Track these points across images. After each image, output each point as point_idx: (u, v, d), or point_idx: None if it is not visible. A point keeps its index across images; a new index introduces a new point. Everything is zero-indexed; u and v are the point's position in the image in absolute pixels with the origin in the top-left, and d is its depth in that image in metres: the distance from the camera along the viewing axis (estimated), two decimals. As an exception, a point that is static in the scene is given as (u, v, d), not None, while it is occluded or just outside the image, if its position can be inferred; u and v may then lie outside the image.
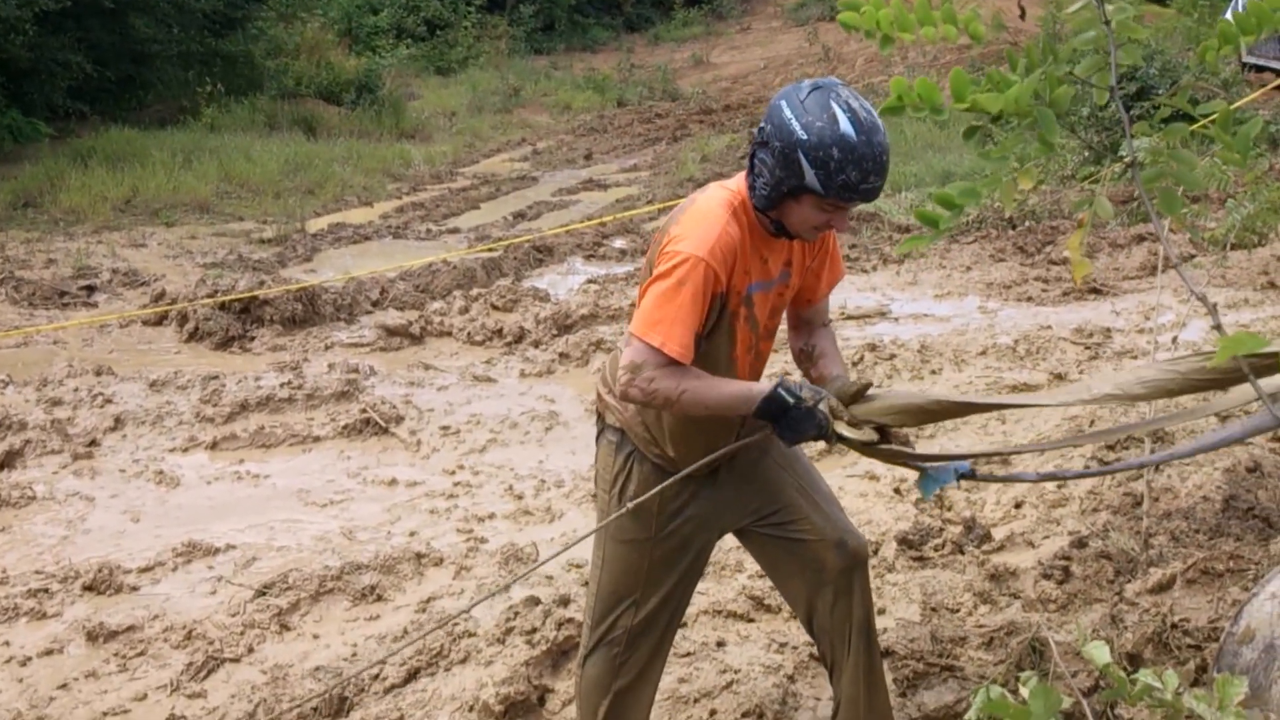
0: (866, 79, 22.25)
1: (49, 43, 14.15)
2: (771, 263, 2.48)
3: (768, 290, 2.49)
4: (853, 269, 9.18)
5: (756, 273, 2.45)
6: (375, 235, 11.12)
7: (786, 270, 2.52)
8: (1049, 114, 1.57)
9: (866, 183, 2.26)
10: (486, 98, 22.16)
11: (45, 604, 3.94)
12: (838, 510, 2.71)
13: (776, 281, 2.51)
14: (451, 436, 5.68)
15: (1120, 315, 7.39)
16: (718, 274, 2.34)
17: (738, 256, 2.38)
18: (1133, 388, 2.00)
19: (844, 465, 5.22)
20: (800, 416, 2.31)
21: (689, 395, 2.34)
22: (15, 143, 13.49)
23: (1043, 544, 4.22)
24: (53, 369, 6.42)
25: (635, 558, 2.64)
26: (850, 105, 2.29)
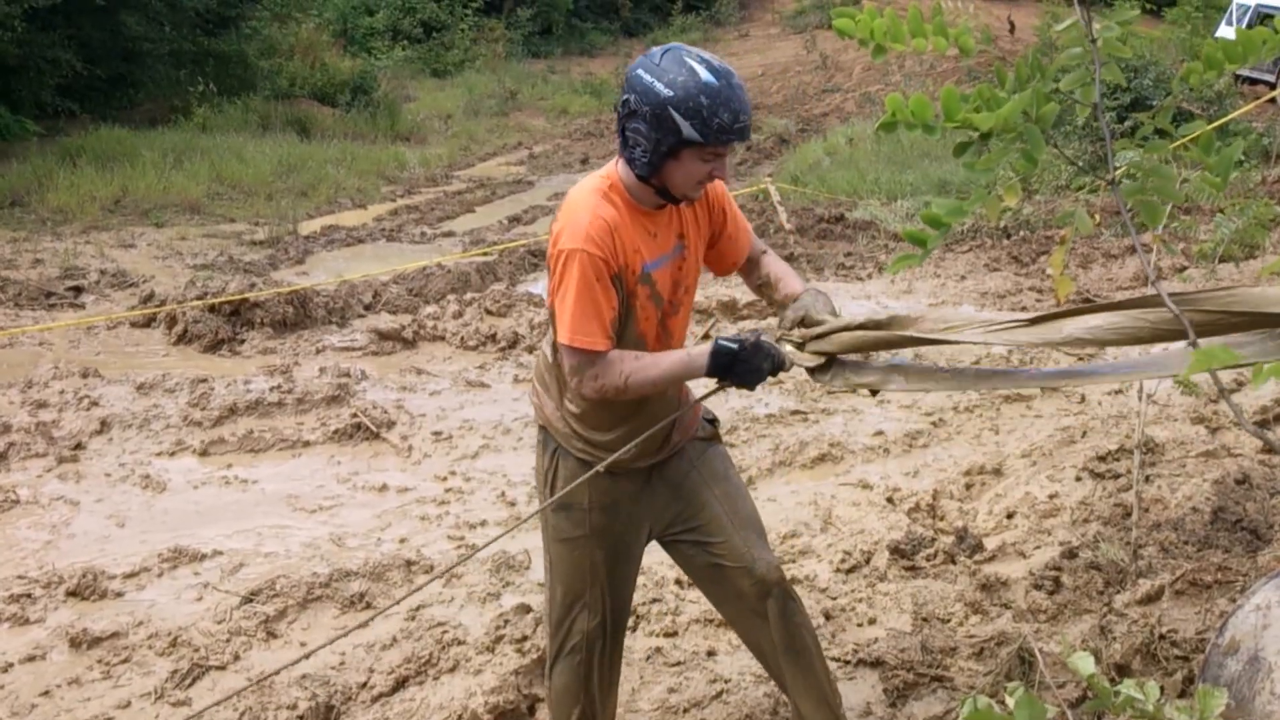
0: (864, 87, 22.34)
1: (38, 39, 14.11)
2: (661, 237, 2.53)
3: (664, 265, 2.54)
4: (847, 277, 9.21)
5: (647, 250, 2.49)
6: (369, 238, 11.12)
7: (681, 243, 2.57)
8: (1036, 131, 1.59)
9: (739, 121, 2.35)
10: (483, 101, 22.21)
11: (28, 609, 3.93)
12: (754, 534, 2.70)
13: (672, 255, 2.55)
14: (444, 442, 5.68)
15: (1115, 326, 7.42)
16: (603, 258, 2.40)
17: (617, 237, 2.42)
18: (1103, 333, 2.01)
19: (837, 474, 5.24)
20: (750, 356, 2.38)
21: (634, 378, 2.44)
22: (3, 141, 13.45)
23: (1034, 554, 4.25)
24: (38, 371, 6.41)
25: (578, 556, 2.69)
26: (703, 57, 2.38)
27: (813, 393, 6.28)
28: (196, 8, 17.14)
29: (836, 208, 11.56)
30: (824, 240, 10.53)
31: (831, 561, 4.30)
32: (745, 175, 14.72)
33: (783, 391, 6.31)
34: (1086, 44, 1.57)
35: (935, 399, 6.12)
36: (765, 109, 21.94)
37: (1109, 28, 1.56)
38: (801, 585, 4.12)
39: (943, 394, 5.74)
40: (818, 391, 6.29)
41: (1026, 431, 5.64)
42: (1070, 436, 5.42)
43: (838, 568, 4.25)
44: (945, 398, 6.13)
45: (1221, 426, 5.32)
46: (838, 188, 12.69)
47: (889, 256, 9.74)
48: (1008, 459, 5.24)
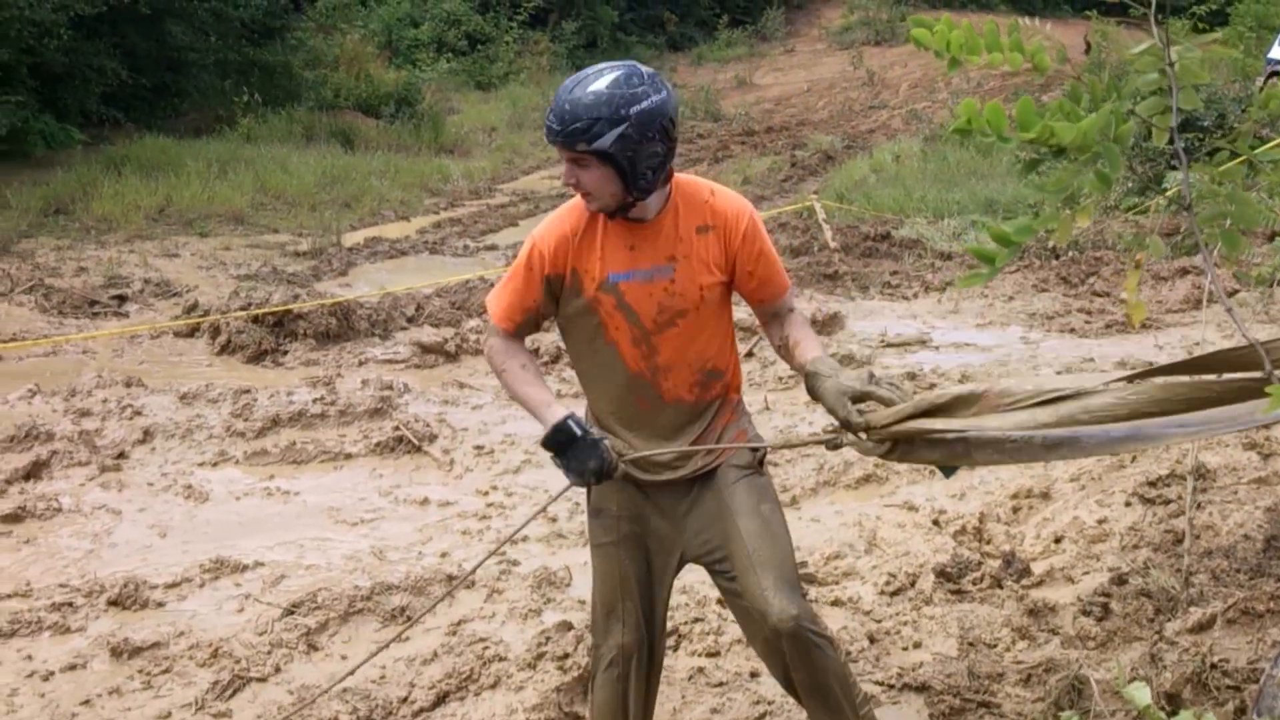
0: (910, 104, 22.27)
1: (84, 48, 14.39)
2: (640, 251, 2.57)
3: (640, 281, 2.57)
4: (893, 296, 9.17)
5: (617, 262, 2.56)
6: (412, 250, 11.24)
7: (668, 265, 2.58)
8: (1114, 150, 1.59)
9: (547, 120, 2.46)
10: (527, 114, 22.34)
11: (69, 618, 3.99)
12: (773, 576, 2.61)
13: (653, 272, 2.57)
14: (485, 456, 5.72)
15: (1164, 350, 7.34)
16: (543, 253, 2.58)
17: (573, 240, 2.57)
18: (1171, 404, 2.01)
19: (881, 495, 5.22)
20: (583, 452, 2.51)
21: (505, 376, 2.69)
22: (48, 148, 13.70)
23: (1082, 580, 4.21)
24: (82, 379, 6.53)
25: (609, 565, 2.76)
26: (594, 68, 2.49)
27: (857, 413, 6.24)
28: (242, 18, 17.42)
29: (882, 226, 11.52)
30: (869, 258, 10.49)
31: (876, 584, 4.28)
32: (790, 192, 14.72)
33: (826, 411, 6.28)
34: (1163, 68, 1.56)
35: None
36: (810, 125, 21.94)
37: (1189, 49, 1.55)
38: (845, 607, 4.11)
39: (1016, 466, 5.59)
40: (862, 411, 6.26)
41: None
42: (1120, 461, 5.36)
43: (882, 590, 4.23)
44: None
45: (1274, 453, 5.24)
46: (884, 205, 12.65)
47: (936, 276, 9.69)
48: (1056, 483, 5.19)
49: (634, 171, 2.45)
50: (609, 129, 2.39)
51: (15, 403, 6.16)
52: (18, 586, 4.19)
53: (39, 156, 13.44)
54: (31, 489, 5.11)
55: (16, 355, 7.03)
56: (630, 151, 2.42)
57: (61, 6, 13.53)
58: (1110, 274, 9.25)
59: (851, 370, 2.58)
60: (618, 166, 2.43)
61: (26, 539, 4.64)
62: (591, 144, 2.40)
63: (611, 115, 2.39)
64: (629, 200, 2.52)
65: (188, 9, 16.28)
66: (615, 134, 2.39)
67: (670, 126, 2.48)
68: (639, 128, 2.41)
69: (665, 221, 2.58)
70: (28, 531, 4.70)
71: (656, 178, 2.50)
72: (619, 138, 2.40)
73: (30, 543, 4.61)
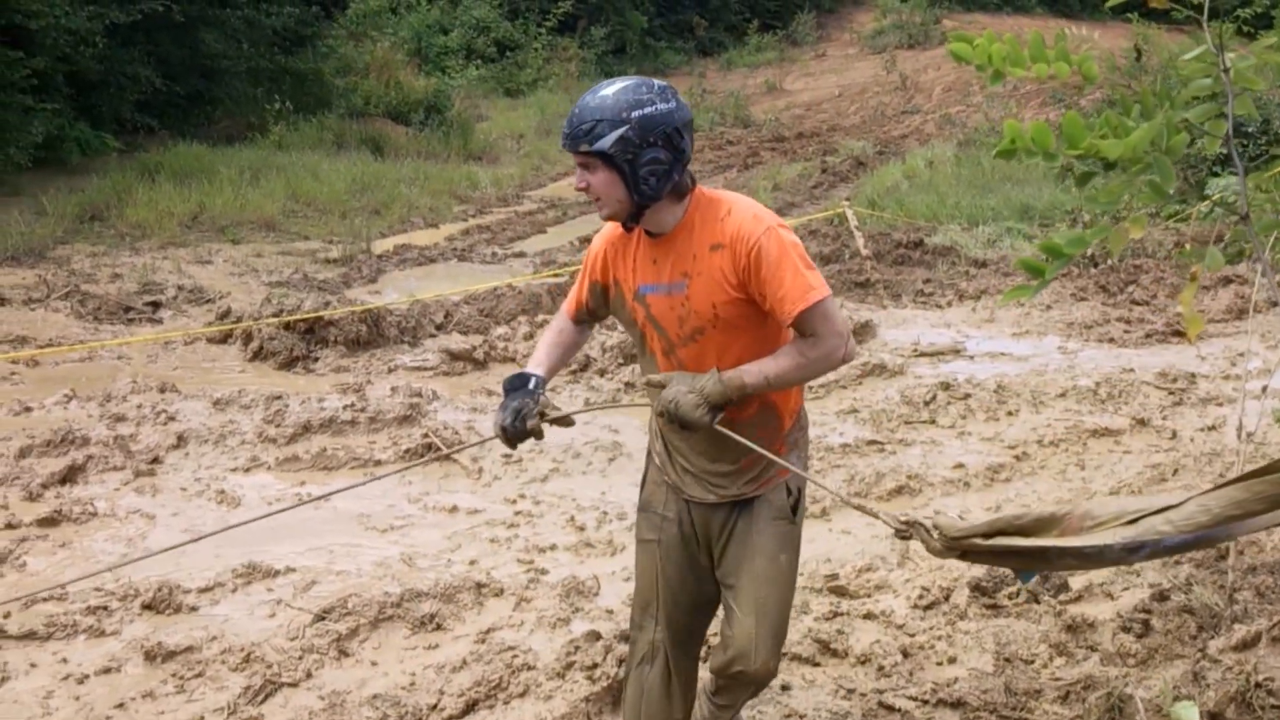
0: (944, 109, 22.19)
1: (118, 56, 14.59)
2: (662, 265, 2.66)
3: (664, 295, 2.66)
4: (926, 304, 9.14)
5: (645, 274, 2.69)
6: (440, 258, 11.30)
7: (682, 281, 2.62)
8: (1166, 162, 1.57)
9: (563, 128, 2.59)
10: (555, 121, 22.40)
11: (104, 621, 4.04)
12: (771, 626, 2.73)
13: (670, 288, 2.65)
14: (513, 465, 5.74)
15: (1206, 360, 7.27)
16: (592, 265, 2.83)
17: (612, 254, 2.77)
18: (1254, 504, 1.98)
19: (915, 507, 5.19)
20: (507, 402, 2.72)
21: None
22: (83, 155, 13.89)
23: (1122, 595, 4.17)
24: (117, 385, 6.61)
25: (649, 561, 2.88)
26: (610, 79, 2.61)
27: (889, 423, 6.24)
28: (274, 26, 17.59)
29: (915, 233, 11.48)
30: (902, 266, 10.46)
31: (909, 597, 4.26)
32: (821, 199, 14.69)
33: (858, 421, 6.28)
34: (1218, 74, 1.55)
35: (1018, 432, 6.05)
36: (842, 130, 21.89)
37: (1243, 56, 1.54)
38: (877, 620, 4.10)
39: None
40: (894, 422, 6.25)
41: (1114, 467, 5.54)
42: (1161, 474, 5.32)
43: (915, 603, 4.21)
44: (1029, 430, 6.05)
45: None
46: (916, 212, 12.60)
47: (970, 284, 9.65)
48: (1095, 496, 5.15)
49: (635, 176, 2.51)
50: (610, 130, 2.48)
51: (52, 407, 6.25)
52: (53, 589, 4.25)
53: (75, 164, 13.63)
54: (67, 493, 5.18)
55: (53, 360, 7.13)
56: (630, 155, 2.49)
57: (97, 15, 13.74)
58: (1150, 282, 9.18)
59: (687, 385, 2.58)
60: (619, 169, 2.51)
61: (62, 542, 4.70)
62: (593, 145, 2.50)
63: (613, 118, 2.48)
64: (635, 207, 2.57)
65: (221, 17, 16.46)
66: (615, 135, 2.48)
67: (674, 136, 2.52)
68: (639, 132, 2.48)
69: (681, 236, 2.63)
70: (63, 535, 4.76)
71: (661, 186, 2.54)
72: (619, 139, 2.48)
73: (65, 546, 4.67)
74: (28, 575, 4.41)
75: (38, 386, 6.66)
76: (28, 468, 5.33)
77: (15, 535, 4.70)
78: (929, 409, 6.41)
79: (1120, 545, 2.15)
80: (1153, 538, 2.09)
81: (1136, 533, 2.10)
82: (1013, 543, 2.25)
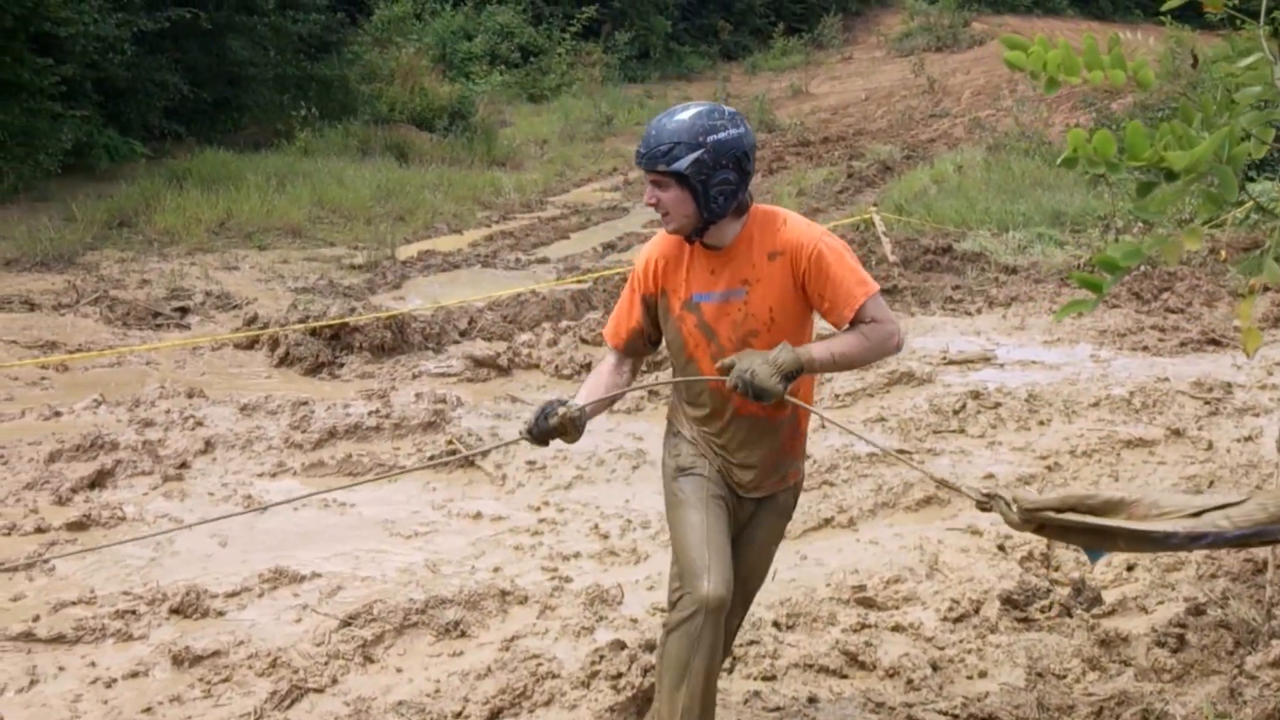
0: (973, 112, 22.09)
1: (146, 63, 14.72)
2: (720, 275, 2.89)
3: (720, 302, 2.89)
4: (955, 311, 9.09)
5: (700, 284, 2.91)
6: (464, 264, 11.34)
7: (742, 288, 2.88)
8: (1228, 173, 1.56)
9: (638, 147, 2.81)
10: (579, 126, 22.49)
11: (132, 626, 4.08)
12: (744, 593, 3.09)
13: (727, 295, 2.89)
14: (537, 472, 5.76)
15: (1242, 369, 7.21)
16: (642, 278, 3.00)
17: (663, 265, 2.96)
18: None
19: (944, 518, 5.17)
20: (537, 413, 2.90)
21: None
22: (111, 162, 14.01)
23: (1156, 610, 4.14)
24: (145, 390, 6.68)
25: (697, 517, 2.95)
26: (684, 103, 2.89)
27: (917, 432, 6.21)
28: (300, 33, 17.72)
29: (944, 238, 11.43)
30: (930, 272, 10.41)
31: (938, 610, 4.24)
32: (846, 204, 14.64)
33: (886, 430, 6.25)
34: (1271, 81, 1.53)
35: (1050, 442, 6.01)
36: (868, 134, 21.82)
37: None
38: (906, 633, 4.08)
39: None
40: (922, 431, 6.22)
41: (1149, 478, 5.49)
42: (1197, 486, 5.27)
43: (945, 616, 4.19)
44: (1061, 440, 6.01)
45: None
46: (945, 217, 12.55)
47: (1000, 290, 9.60)
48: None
49: (706, 195, 2.75)
50: (687, 153, 2.72)
51: (81, 412, 6.32)
52: (82, 594, 4.29)
53: (103, 170, 13.75)
54: (96, 497, 5.23)
55: (82, 365, 7.21)
56: (704, 176, 2.73)
57: (125, 22, 13.88)
58: (1184, 289, 9.10)
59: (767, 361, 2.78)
60: (692, 189, 2.74)
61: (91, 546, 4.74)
62: (670, 165, 2.73)
63: (690, 141, 2.73)
64: (702, 223, 2.81)
65: (248, 24, 16.59)
66: (691, 158, 2.72)
67: (743, 159, 2.78)
68: (714, 155, 2.73)
69: (740, 248, 2.87)
70: (92, 539, 4.80)
71: (728, 205, 2.79)
72: (694, 162, 2.72)
73: (94, 551, 4.71)
74: (56, 579, 4.46)
75: (67, 391, 6.74)
76: (57, 472, 5.39)
77: (45, 539, 4.75)
78: (958, 418, 6.38)
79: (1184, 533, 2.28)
80: (1213, 530, 2.22)
81: (1197, 524, 2.23)
82: (1084, 520, 2.37)
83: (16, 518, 4.94)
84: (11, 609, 4.18)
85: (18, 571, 4.44)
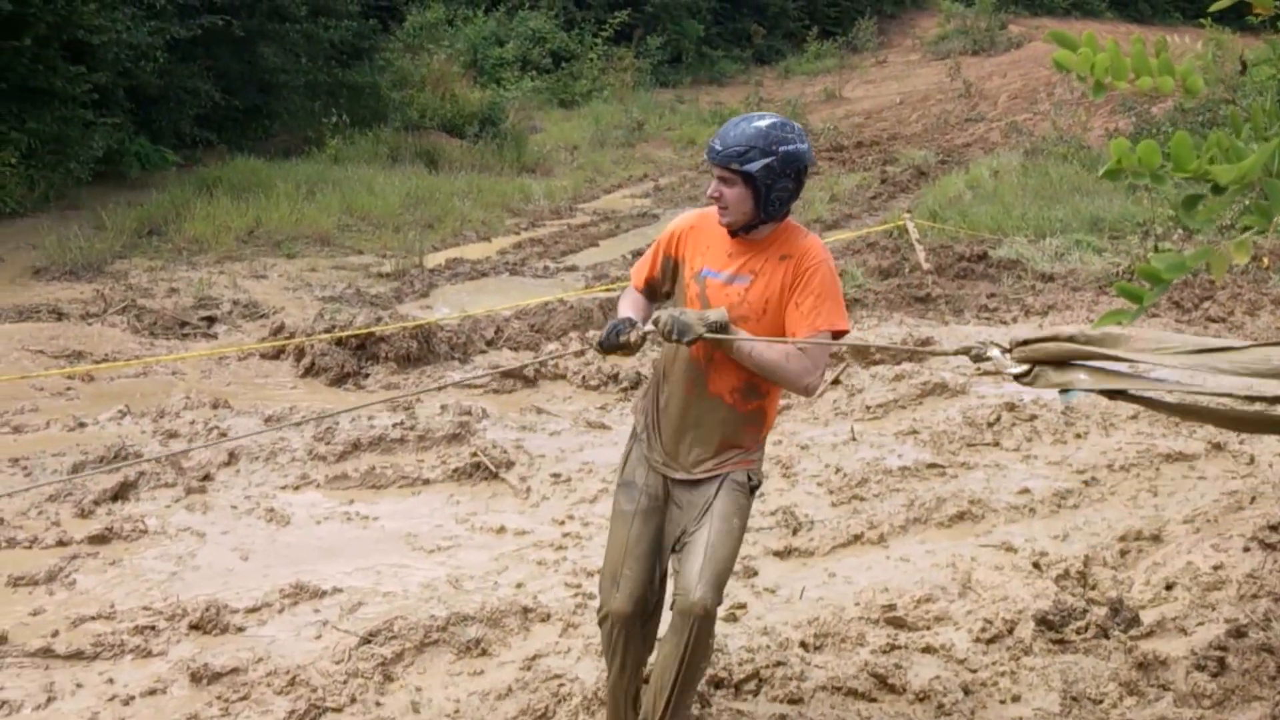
0: (1010, 116, 21.89)
1: (178, 70, 14.84)
2: (735, 259, 3.14)
3: (724, 282, 3.13)
4: (990, 320, 8.99)
5: (713, 260, 3.17)
6: (492, 271, 11.34)
7: (748, 275, 3.12)
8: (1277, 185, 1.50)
9: (711, 142, 3.09)
10: (609, 132, 22.49)
11: (151, 642, 4.07)
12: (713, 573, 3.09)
13: (733, 278, 3.13)
14: (562, 484, 5.72)
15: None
16: (668, 240, 3.28)
17: (691, 235, 3.23)
18: None
19: (977, 535, 5.09)
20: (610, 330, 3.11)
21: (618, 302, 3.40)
22: (142, 169, 14.14)
23: (1196, 631, 4.04)
24: (170, 400, 6.70)
25: (622, 531, 3.23)
26: (758, 113, 3.17)
27: (950, 445, 6.12)
28: (332, 39, 17.83)
29: (979, 245, 11.30)
30: (964, 280, 10.30)
31: (970, 630, 4.16)
32: (880, 210, 14.54)
33: (918, 443, 6.17)
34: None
35: (1087, 456, 5.90)
36: (903, 139, 21.69)
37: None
38: (937, 655, 4.00)
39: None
40: (956, 444, 6.14)
41: (1189, 494, 5.38)
42: (1238, 502, 5.15)
43: (977, 637, 4.11)
44: (1099, 454, 5.90)
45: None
46: (980, 223, 12.41)
47: (1036, 299, 9.47)
48: (1168, 524, 5.01)
49: (767, 198, 3.03)
50: (760, 158, 3.00)
51: (106, 423, 6.35)
52: (102, 608, 4.29)
53: (134, 178, 13.89)
54: (119, 510, 5.24)
55: (108, 376, 7.25)
56: (769, 180, 3.01)
57: (157, 30, 14.01)
58: (1226, 298, 8.95)
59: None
60: (756, 190, 3.02)
61: (112, 560, 4.75)
62: (743, 166, 3.00)
63: (764, 148, 3.01)
64: (756, 221, 3.07)
65: (280, 31, 16.70)
66: (763, 163, 3.00)
67: (803, 172, 3.07)
68: (781, 163, 3.01)
69: (763, 245, 3.13)
70: (114, 553, 4.81)
71: (782, 209, 3.08)
72: (765, 166, 3.00)
73: (115, 564, 4.72)
74: (77, 593, 4.46)
75: (92, 402, 6.77)
76: (80, 484, 5.41)
77: (66, 553, 4.76)
78: (992, 430, 6.28)
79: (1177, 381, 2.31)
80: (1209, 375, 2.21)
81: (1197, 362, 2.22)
82: (1084, 349, 2.40)
83: (38, 530, 4.95)
84: (31, 624, 4.18)
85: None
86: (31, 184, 12.04)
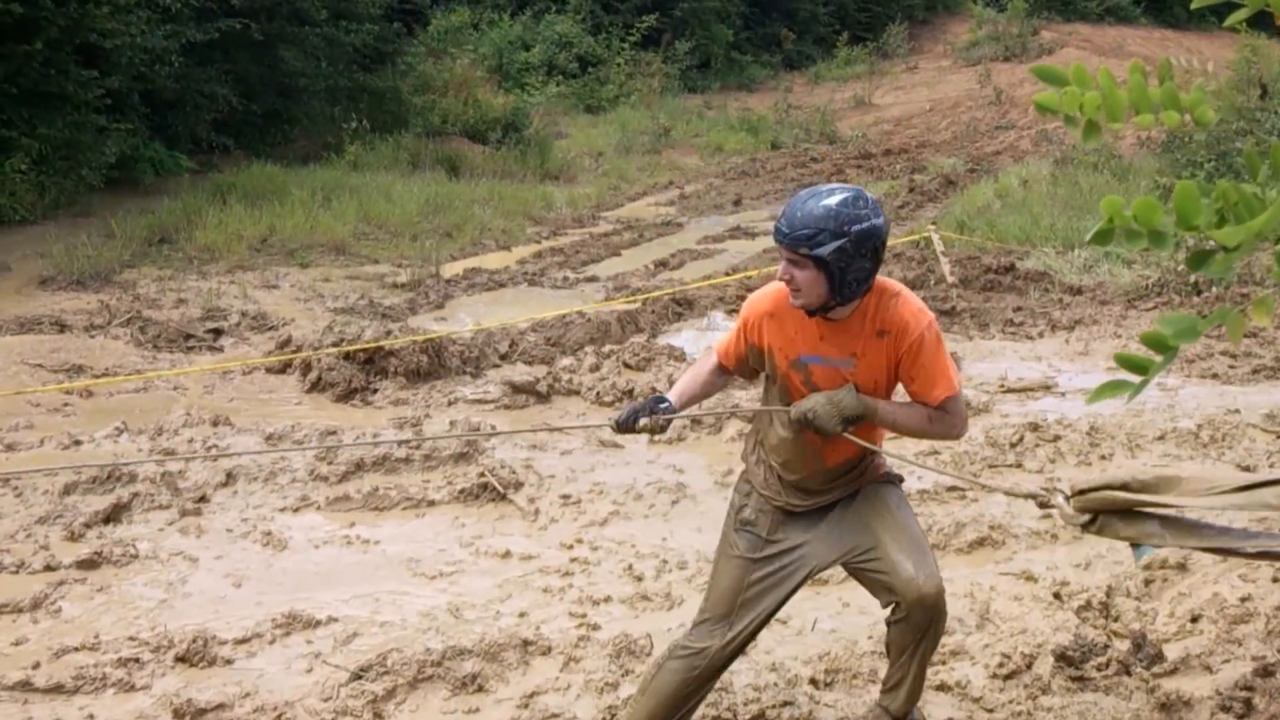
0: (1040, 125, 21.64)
1: (195, 74, 14.77)
2: (830, 342, 3.07)
3: (830, 368, 3.08)
4: (1015, 335, 8.82)
5: (808, 346, 3.09)
6: (510, 282, 11.24)
7: (850, 359, 3.06)
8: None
9: (778, 223, 2.96)
10: (635, 138, 22.36)
11: (135, 675, 3.97)
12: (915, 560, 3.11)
13: (837, 363, 3.07)
14: (572, 506, 5.61)
15: (1321, 401, 6.87)
16: (748, 324, 3.21)
17: (768, 323, 3.15)
18: None
19: (996, 562, 4.96)
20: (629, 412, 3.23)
21: None
22: (156, 175, 14.07)
23: (1222, 669, 3.89)
24: (169, 417, 6.61)
25: (739, 577, 3.21)
26: (828, 186, 3.01)
27: (972, 466, 5.98)
28: (354, 43, 17.75)
29: (1006, 256, 11.12)
30: (990, 293, 10.12)
31: (987, 665, 4.03)
32: (907, 219, 14.36)
33: (938, 464, 6.02)
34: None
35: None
36: (932, 147, 21.49)
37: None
38: (951, 692, 3.88)
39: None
40: (977, 465, 5.99)
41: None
42: (1267, 528, 4.97)
43: (994, 673, 3.97)
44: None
45: None
46: (1008, 234, 12.21)
47: (1064, 313, 9.29)
48: (1193, 553, 4.84)
49: (842, 281, 2.90)
50: (831, 240, 2.85)
51: (102, 441, 6.28)
52: (86, 639, 4.21)
53: (147, 184, 13.87)
54: (110, 533, 5.16)
55: (108, 391, 7.19)
56: (843, 263, 2.87)
57: (174, 33, 13.90)
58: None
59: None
60: (829, 273, 2.89)
61: (100, 586, 4.67)
62: (813, 250, 2.86)
63: (835, 229, 2.86)
64: (831, 304, 2.96)
65: (300, 35, 16.64)
66: (835, 245, 2.85)
67: (880, 248, 2.94)
68: (856, 244, 2.87)
69: (854, 322, 3.04)
70: (102, 579, 4.73)
71: (860, 289, 2.96)
72: (837, 249, 2.85)
73: (103, 590, 4.64)
74: (61, 622, 4.39)
75: (90, 419, 6.71)
76: (71, 505, 5.35)
77: (53, 578, 4.68)
78: (1015, 451, 6.13)
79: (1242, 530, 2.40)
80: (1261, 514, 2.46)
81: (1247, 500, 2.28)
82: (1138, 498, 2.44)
83: (26, 554, 4.88)
84: (12, 654, 4.11)
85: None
86: (42, 191, 12.01)
